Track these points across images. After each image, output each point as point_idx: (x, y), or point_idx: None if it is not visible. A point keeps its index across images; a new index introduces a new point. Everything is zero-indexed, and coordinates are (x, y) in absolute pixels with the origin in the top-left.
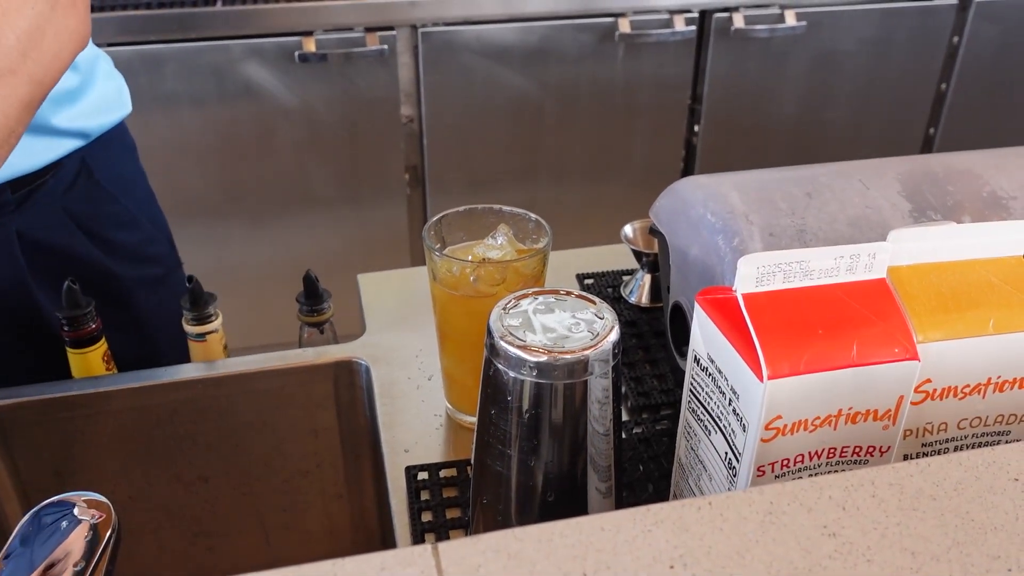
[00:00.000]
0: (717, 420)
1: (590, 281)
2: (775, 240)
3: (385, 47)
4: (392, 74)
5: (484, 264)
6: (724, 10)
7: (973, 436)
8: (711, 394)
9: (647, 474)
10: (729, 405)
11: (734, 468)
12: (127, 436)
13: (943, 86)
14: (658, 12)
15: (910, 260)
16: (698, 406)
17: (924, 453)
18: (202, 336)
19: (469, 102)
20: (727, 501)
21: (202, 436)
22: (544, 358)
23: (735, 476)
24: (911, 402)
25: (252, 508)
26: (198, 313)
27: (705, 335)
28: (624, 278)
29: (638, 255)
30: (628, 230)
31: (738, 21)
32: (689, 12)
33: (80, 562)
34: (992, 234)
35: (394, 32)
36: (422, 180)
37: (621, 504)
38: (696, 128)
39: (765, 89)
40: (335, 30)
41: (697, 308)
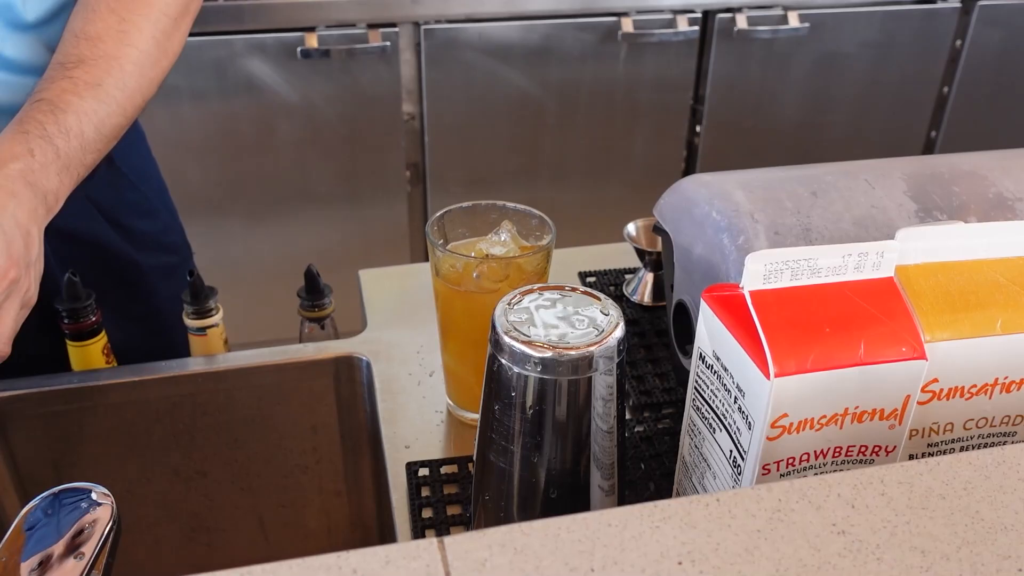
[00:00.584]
0: (722, 418)
1: (592, 279)
2: (780, 239)
3: (387, 44)
4: (394, 71)
5: (487, 260)
6: (727, 11)
7: (979, 437)
8: (716, 392)
9: (649, 472)
10: (735, 403)
11: (739, 466)
12: (126, 430)
13: (945, 89)
14: (661, 12)
15: (918, 259)
16: (703, 404)
17: (930, 453)
18: (202, 330)
19: (471, 100)
20: (735, 498)
21: (201, 430)
22: (548, 354)
23: (740, 474)
24: (917, 402)
25: (251, 503)
26: (199, 307)
27: (711, 332)
28: (626, 276)
29: (640, 253)
30: (631, 228)
31: (741, 22)
32: (692, 12)
33: (80, 554)
34: (1000, 234)
35: (396, 29)
36: (423, 177)
37: (623, 502)
38: (698, 128)
39: (767, 90)
40: (337, 26)
41: (703, 305)
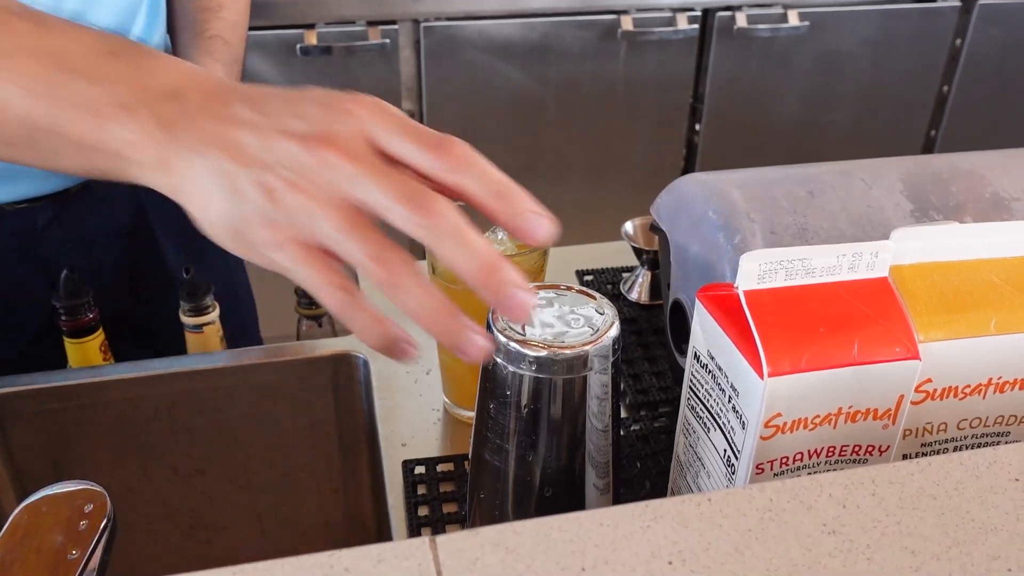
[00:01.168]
0: (716, 417)
1: (590, 278)
2: (776, 238)
3: (387, 41)
4: (393, 68)
5: None
6: (727, 9)
7: (973, 437)
8: (711, 391)
9: (644, 471)
10: (729, 402)
11: (733, 466)
12: (123, 427)
13: (945, 88)
14: (661, 10)
15: (913, 259)
16: (697, 403)
17: (923, 453)
18: (199, 328)
19: (470, 98)
20: (727, 497)
21: (199, 428)
22: (543, 353)
23: (734, 474)
24: (911, 402)
25: (248, 500)
26: (195, 304)
27: (706, 332)
28: (624, 275)
29: (638, 252)
30: (628, 227)
31: (741, 20)
32: (692, 10)
33: (75, 551)
34: (995, 234)
35: (396, 26)
36: None
37: (619, 501)
38: (697, 127)
39: (767, 89)
40: (337, 23)
41: (698, 305)
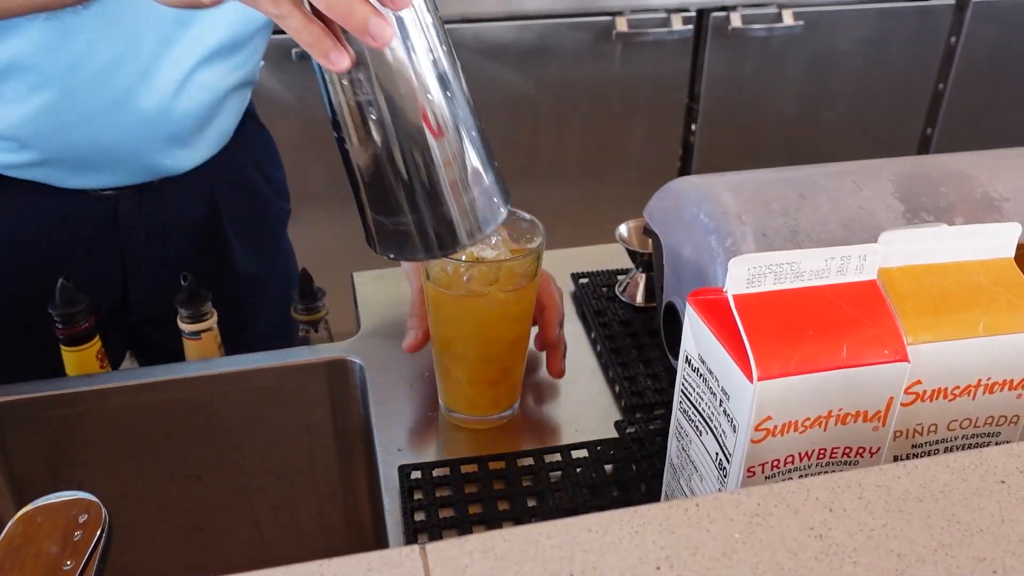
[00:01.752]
0: (708, 420)
1: (585, 280)
2: (768, 241)
3: None
4: None
5: (477, 264)
6: (721, 9)
7: (963, 437)
8: (702, 395)
9: (640, 474)
10: (720, 406)
11: (725, 469)
12: (121, 434)
13: (940, 86)
14: (655, 11)
15: (901, 262)
16: (689, 407)
17: (914, 454)
18: (197, 334)
19: None
20: (714, 502)
21: (196, 433)
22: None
23: (726, 477)
24: (901, 403)
25: (245, 505)
26: (193, 311)
27: (696, 336)
28: (619, 277)
29: (632, 255)
30: (623, 230)
31: (735, 20)
32: (687, 11)
33: (70, 562)
34: (982, 236)
35: None
36: None
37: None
38: (693, 127)
39: (762, 88)
40: None
41: (688, 309)
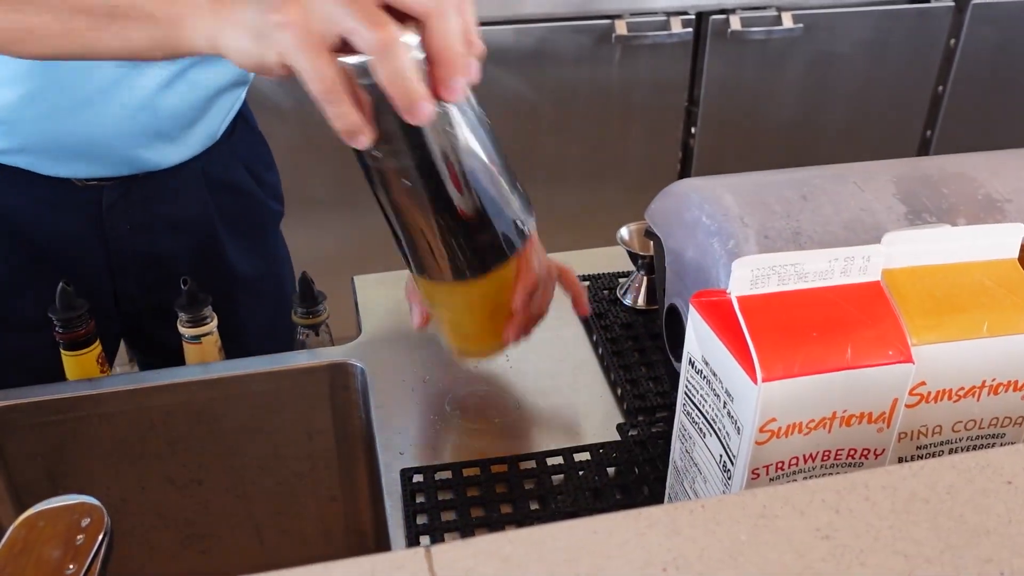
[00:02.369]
0: (712, 423)
1: (586, 283)
2: (770, 243)
3: None
4: None
5: None
6: (721, 12)
7: (968, 439)
8: (706, 396)
9: (642, 476)
10: (724, 408)
11: (729, 471)
12: (121, 438)
13: (940, 88)
14: (655, 14)
15: (904, 263)
16: (693, 408)
17: (919, 456)
18: (197, 338)
19: None
20: (720, 504)
21: (196, 438)
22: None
23: (730, 479)
24: (905, 405)
25: (246, 510)
26: (194, 315)
27: (700, 337)
28: (620, 280)
29: (634, 257)
30: (624, 232)
31: (735, 23)
32: (686, 14)
33: (72, 566)
34: (985, 237)
35: None
36: None
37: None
38: (693, 130)
39: (762, 91)
40: None
41: (692, 310)
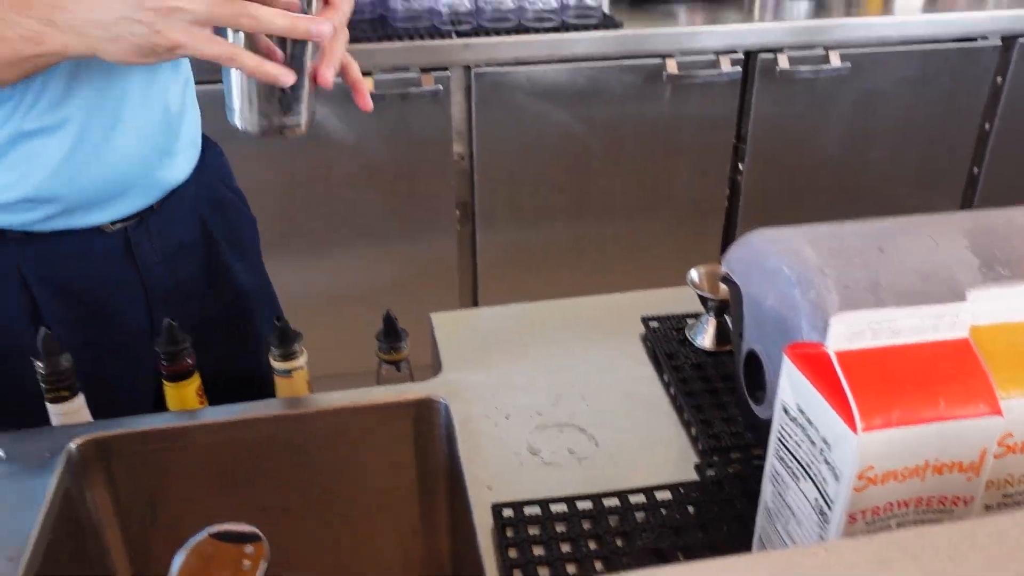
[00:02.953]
0: (807, 468)
1: (655, 324)
2: (849, 292)
3: (439, 87)
4: (445, 113)
5: None
6: (769, 51)
7: None
8: (800, 443)
9: (721, 515)
10: (820, 454)
11: (825, 515)
12: (215, 467)
13: (987, 125)
14: (705, 53)
15: (989, 320)
16: (786, 454)
17: (1005, 504)
18: (288, 372)
19: (519, 140)
20: (840, 547)
21: (285, 468)
22: None
23: (827, 523)
24: (993, 455)
25: (330, 539)
26: (285, 350)
27: (795, 387)
28: (689, 321)
29: (704, 300)
30: (694, 275)
31: (783, 62)
32: (735, 53)
33: None
34: None
35: (448, 73)
36: (472, 216)
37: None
38: (740, 166)
39: (809, 128)
40: (392, 71)
41: (786, 361)
